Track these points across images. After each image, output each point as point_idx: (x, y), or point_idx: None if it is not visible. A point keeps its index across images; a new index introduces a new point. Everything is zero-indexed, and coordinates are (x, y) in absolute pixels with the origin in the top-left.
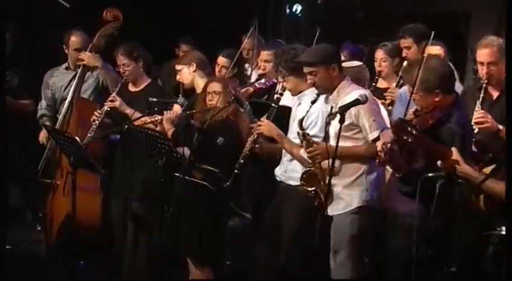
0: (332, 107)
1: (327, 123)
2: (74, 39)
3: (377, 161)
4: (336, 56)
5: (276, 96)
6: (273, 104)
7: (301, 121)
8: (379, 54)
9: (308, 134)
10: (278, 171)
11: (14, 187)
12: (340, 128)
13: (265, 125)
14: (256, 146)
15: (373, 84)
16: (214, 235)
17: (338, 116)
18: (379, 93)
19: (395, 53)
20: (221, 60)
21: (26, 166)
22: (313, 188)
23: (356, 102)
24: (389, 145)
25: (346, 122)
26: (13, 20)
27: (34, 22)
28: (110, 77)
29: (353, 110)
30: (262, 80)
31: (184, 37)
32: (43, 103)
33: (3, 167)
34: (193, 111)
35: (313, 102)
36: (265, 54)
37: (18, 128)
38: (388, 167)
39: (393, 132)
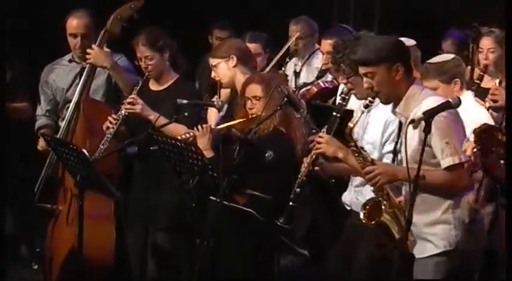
0: (401, 122)
1: (396, 134)
2: (71, 23)
3: (467, 164)
4: (402, 52)
5: (338, 101)
6: (335, 113)
7: (350, 130)
8: (486, 43)
9: (363, 148)
10: (346, 197)
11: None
12: (425, 140)
13: (326, 143)
14: (316, 168)
15: (477, 82)
16: (261, 276)
17: (420, 125)
18: (485, 95)
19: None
20: (250, 47)
21: (20, 187)
22: (374, 222)
23: (446, 106)
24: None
25: (416, 139)
26: None
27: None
28: (122, 79)
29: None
30: (329, 77)
31: (219, 21)
32: (41, 107)
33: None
34: (233, 123)
35: (366, 106)
36: (328, 43)
37: (10, 138)
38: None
39: (475, 140)
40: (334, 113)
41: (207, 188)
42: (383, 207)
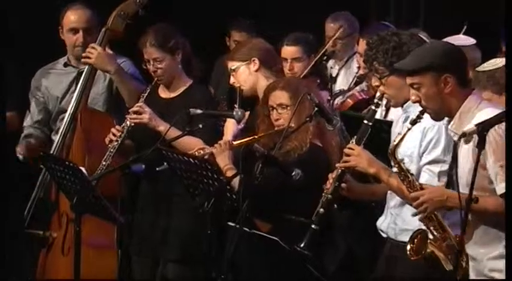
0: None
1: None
2: (70, 16)
3: None
4: (453, 61)
5: (371, 107)
6: (366, 121)
7: (394, 148)
8: None
9: (409, 170)
10: (383, 223)
11: None
12: (478, 158)
13: (357, 156)
14: (343, 186)
15: None
16: None
17: (473, 140)
18: None
19: None
20: (288, 51)
21: (5, 211)
22: (421, 256)
23: (503, 117)
24: None
25: (470, 159)
26: None
27: None
28: (126, 87)
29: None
30: (364, 85)
31: (237, 21)
32: (31, 117)
33: None
34: (254, 137)
35: (412, 122)
36: (364, 43)
37: None
38: None
39: None
40: (365, 121)
41: (225, 212)
42: (431, 237)
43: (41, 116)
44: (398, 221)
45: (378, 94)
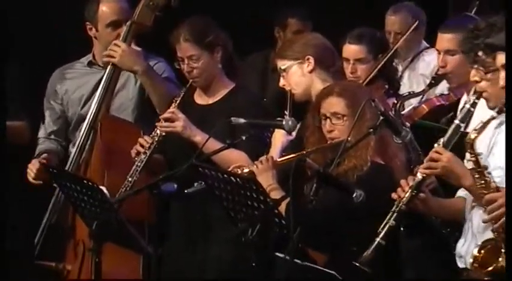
0: None
1: None
2: (107, 9)
3: None
4: None
5: (463, 107)
6: (458, 121)
7: (474, 139)
8: None
9: (486, 167)
10: (463, 247)
11: None
12: None
13: (446, 162)
14: (422, 195)
15: None
16: None
17: None
18: None
19: None
20: (351, 50)
21: (14, 238)
22: (490, 269)
23: None
24: None
25: None
26: None
27: None
28: (157, 91)
29: None
30: (444, 89)
31: (293, 9)
32: (46, 127)
33: None
34: (303, 152)
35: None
36: (446, 39)
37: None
38: None
39: None
40: (457, 122)
41: (272, 241)
42: (503, 251)
43: (57, 126)
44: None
45: (471, 97)
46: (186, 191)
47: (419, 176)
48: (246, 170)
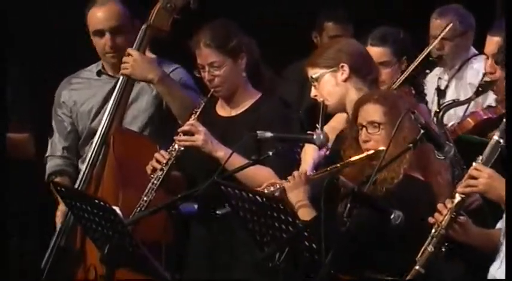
0: None
1: None
2: (94, 15)
3: None
4: None
5: (503, 121)
6: (497, 137)
7: None
8: None
9: None
10: (498, 269)
11: None
12: None
13: (488, 179)
14: (462, 218)
15: None
16: None
17: None
18: None
19: None
20: (373, 52)
21: (20, 262)
22: None
23: None
24: None
25: None
26: None
27: None
28: (176, 99)
29: None
30: (492, 101)
31: (330, 11)
32: (55, 143)
33: None
34: (337, 166)
35: None
36: (495, 42)
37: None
38: None
39: None
40: (496, 138)
41: (302, 267)
42: None
43: (68, 142)
44: None
45: None
46: (217, 212)
47: (458, 197)
48: (278, 187)
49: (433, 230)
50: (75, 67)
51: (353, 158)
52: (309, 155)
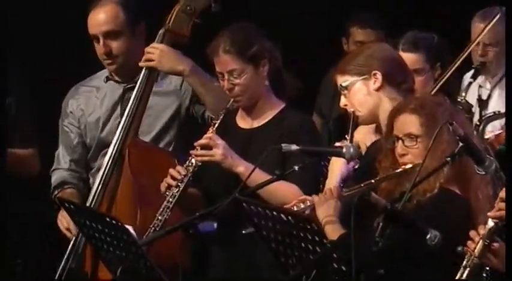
0: None
1: None
2: (89, 21)
3: None
4: None
5: None
6: None
7: None
8: None
9: None
10: None
11: None
12: None
13: None
14: (494, 246)
15: None
16: None
17: None
18: None
19: None
20: (406, 59)
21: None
22: None
23: None
24: None
25: None
26: None
27: None
28: (209, 87)
29: None
30: None
31: (355, 14)
32: (61, 156)
33: None
34: (371, 181)
35: None
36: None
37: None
38: None
39: None
40: None
41: None
42: None
43: (76, 155)
44: None
45: None
46: (243, 231)
47: (490, 222)
48: (309, 204)
49: (465, 260)
50: (75, 67)
51: (389, 174)
52: (337, 168)
